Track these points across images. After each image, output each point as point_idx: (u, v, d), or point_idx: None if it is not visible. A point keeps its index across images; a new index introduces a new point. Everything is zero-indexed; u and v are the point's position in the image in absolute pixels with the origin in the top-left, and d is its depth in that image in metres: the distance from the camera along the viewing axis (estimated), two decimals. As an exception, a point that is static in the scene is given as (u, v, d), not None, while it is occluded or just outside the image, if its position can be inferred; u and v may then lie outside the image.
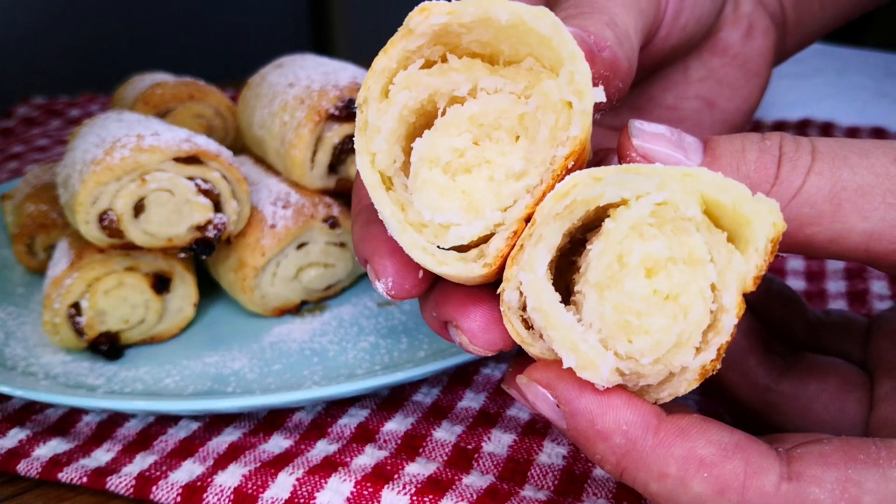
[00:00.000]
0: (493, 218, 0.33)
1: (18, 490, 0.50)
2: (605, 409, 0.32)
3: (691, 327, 0.31)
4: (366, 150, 0.33)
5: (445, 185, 0.33)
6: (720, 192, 0.30)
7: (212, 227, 0.61)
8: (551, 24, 0.31)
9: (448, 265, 0.33)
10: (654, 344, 0.31)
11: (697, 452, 0.32)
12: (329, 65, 0.72)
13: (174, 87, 0.81)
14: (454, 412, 0.54)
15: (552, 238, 0.32)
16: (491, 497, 0.45)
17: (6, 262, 0.77)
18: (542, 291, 0.32)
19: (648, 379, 0.32)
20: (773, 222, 0.30)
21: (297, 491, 0.47)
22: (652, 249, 0.30)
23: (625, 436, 0.32)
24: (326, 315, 0.66)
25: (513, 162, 0.33)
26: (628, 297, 0.31)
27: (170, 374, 0.59)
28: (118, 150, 0.58)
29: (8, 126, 1.28)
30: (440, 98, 0.33)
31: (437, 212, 0.33)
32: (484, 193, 0.33)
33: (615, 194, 0.31)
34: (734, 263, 0.31)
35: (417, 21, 0.32)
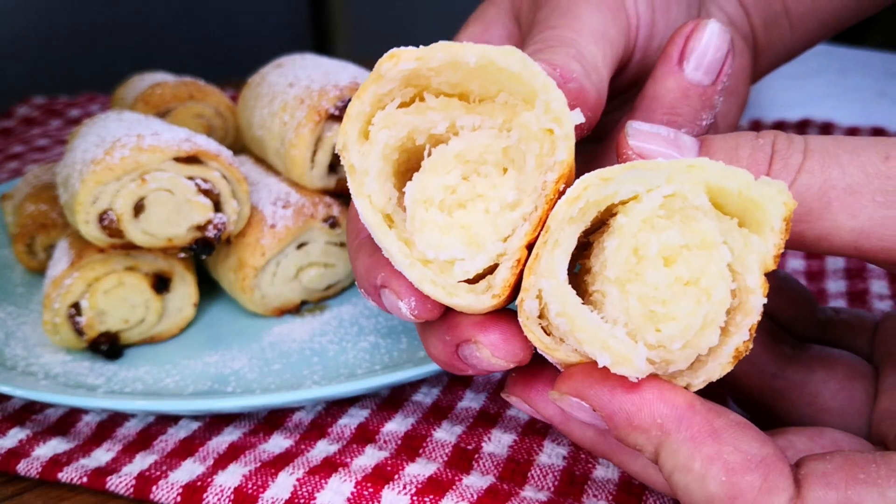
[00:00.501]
0: (495, 249, 0.34)
1: (18, 490, 0.50)
2: (640, 406, 0.33)
3: (716, 307, 0.32)
4: (361, 193, 0.34)
5: (444, 223, 0.34)
6: (725, 179, 0.31)
7: (212, 227, 0.61)
8: (519, 60, 0.32)
9: (459, 297, 0.34)
10: (683, 328, 0.31)
11: (724, 457, 0.33)
12: (329, 65, 0.72)
13: (174, 87, 0.81)
14: (454, 412, 0.54)
15: (568, 242, 0.33)
16: (491, 497, 0.45)
17: (6, 262, 0.77)
18: (566, 296, 0.32)
19: (678, 364, 0.33)
20: (783, 202, 0.31)
21: (297, 491, 0.47)
22: (667, 239, 0.31)
23: (660, 428, 0.33)
24: (326, 315, 0.66)
25: (505, 193, 0.34)
26: (652, 288, 0.31)
27: (170, 374, 0.59)
28: (118, 150, 0.58)
29: (8, 126, 1.28)
30: (419, 136, 0.34)
31: (439, 249, 0.34)
32: (482, 226, 0.34)
33: (629, 190, 0.32)
34: (753, 245, 0.32)
35: (387, 67, 0.33)
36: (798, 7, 0.54)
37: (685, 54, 0.39)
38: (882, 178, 0.33)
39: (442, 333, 0.39)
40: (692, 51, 0.39)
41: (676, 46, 0.39)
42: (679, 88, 0.39)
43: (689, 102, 0.39)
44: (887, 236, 0.33)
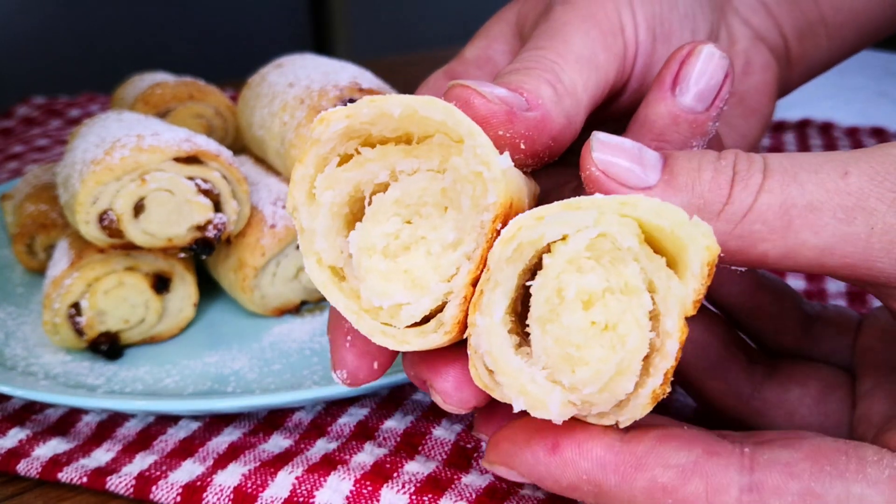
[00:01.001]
0: (440, 289, 0.34)
1: (18, 490, 0.50)
2: (562, 468, 0.34)
3: (629, 356, 0.31)
4: (310, 252, 0.35)
5: (387, 269, 0.34)
6: (657, 217, 0.31)
7: (212, 227, 0.61)
8: (441, 110, 0.33)
9: (409, 343, 0.34)
10: (595, 374, 0.31)
11: (658, 481, 0.33)
12: (329, 65, 0.72)
13: (174, 87, 0.81)
14: (454, 412, 0.54)
15: (507, 283, 0.33)
16: (490, 496, 0.45)
17: (6, 262, 0.77)
18: (494, 336, 0.33)
19: (599, 407, 0.33)
20: (706, 246, 0.31)
21: (296, 490, 0.47)
22: (587, 282, 0.31)
23: (589, 483, 0.34)
24: (326, 315, 0.66)
25: (445, 234, 0.34)
26: (567, 331, 0.32)
27: (170, 374, 0.59)
28: (118, 150, 0.58)
29: (8, 126, 1.28)
30: (365, 187, 0.35)
31: (384, 296, 0.34)
32: (425, 269, 0.34)
33: (555, 232, 0.32)
34: (673, 289, 0.31)
35: (320, 132, 0.34)
36: (836, 16, 0.52)
37: (678, 80, 0.38)
38: (842, 195, 0.32)
39: (409, 368, 0.39)
40: (685, 77, 0.38)
41: (670, 71, 0.39)
42: (669, 114, 0.39)
43: (679, 129, 0.39)
44: (849, 252, 0.33)
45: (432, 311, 0.34)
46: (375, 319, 0.35)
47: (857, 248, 0.32)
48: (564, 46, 0.40)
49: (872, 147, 0.34)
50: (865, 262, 0.32)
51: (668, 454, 0.33)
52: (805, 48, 0.53)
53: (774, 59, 0.52)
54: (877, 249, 0.32)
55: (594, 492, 0.34)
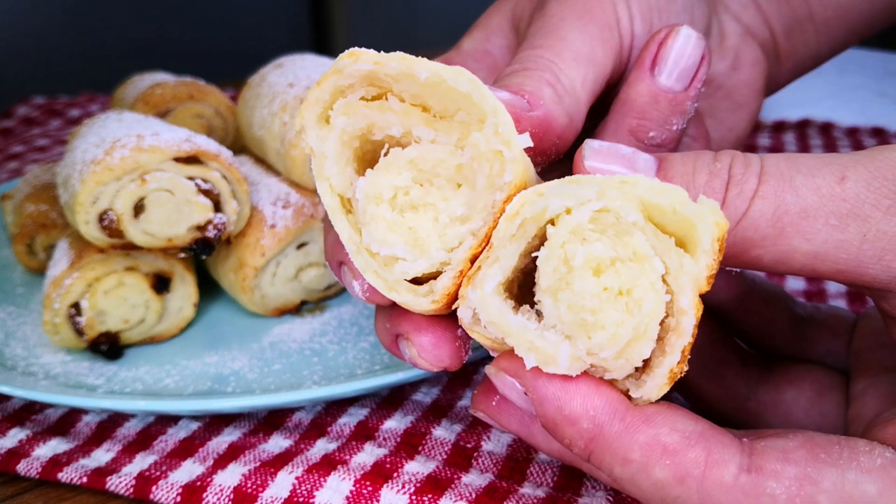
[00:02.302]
0: (439, 257, 0.34)
1: (18, 490, 0.50)
2: (573, 394, 0.33)
3: (646, 319, 0.32)
4: (322, 176, 0.35)
5: (393, 220, 0.34)
6: (658, 196, 0.31)
7: (212, 227, 0.61)
8: (468, 81, 0.33)
9: (398, 293, 0.35)
10: (612, 337, 0.32)
11: (661, 440, 0.32)
12: (329, 65, 0.72)
13: (174, 87, 0.81)
14: (453, 411, 0.54)
15: (508, 259, 0.33)
16: (490, 495, 0.45)
17: (6, 263, 0.77)
18: (490, 305, 0.33)
19: (614, 373, 0.33)
20: (715, 222, 0.31)
21: (296, 490, 0.47)
22: (594, 250, 0.32)
23: (592, 421, 0.33)
24: (326, 315, 0.66)
25: (455, 208, 0.34)
26: (580, 296, 0.32)
27: (170, 374, 0.59)
28: (118, 150, 0.58)
29: (8, 126, 1.28)
30: (378, 131, 0.35)
31: (384, 245, 0.34)
32: (429, 233, 0.34)
33: (558, 205, 0.32)
34: (685, 266, 0.32)
35: (345, 63, 0.34)
36: (824, 12, 0.53)
37: (657, 60, 0.39)
38: (836, 201, 0.32)
39: (385, 321, 0.39)
40: (663, 57, 0.39)
41: (649, 52, 0.40)
42: (650, 94, 0.39)
43: (658, 108, 0.40)
44: (842, 259, 0.33)
45: (424, 275, 0.35)
46: (373, 259, 0.35)
47: (850, 255, 0.32)
48: (561, 44, 0.40)
49: (872, 150, 0.34)
50: (857, 269, 0.33)
51: (676, 419, 0.33)
52: (794, 44, 0.53)
53: (763, 54, 0.53)
54: (868, 256, 0.32)
55: (591, 433, 0.33)
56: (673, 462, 0.32)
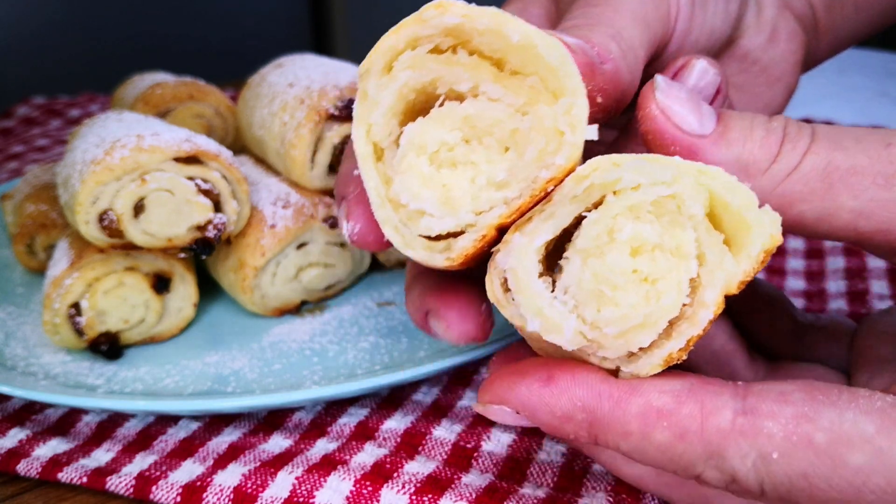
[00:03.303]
0: (466, 218, 0.34)
1: (18, 490, 0.50)
2: (557, 395, 0.34)
3: (660, 312, 0.32)
4: (363, 120, 0.34)
5: (428, 175, 0.34)
6: (730, 193, 0.32)
7: (212, 227, 0.61)
8: (560, 56, 0.32)
9: (413, 249, 0.34)
10: (621, 317, 0.32)
11: (653, 405, 0.33)
12: (329, 65, 0.72)
13: (174, 87, 0.81)
14: (454, 411, 0.54)
15: (563, 218, 0.33)
16: (490, 495, 0.45)
17: (6, 263, 0.77)
18: (527, 257, 0.33)
19: (607, 352, 0.33)
20: (771, 234, 0.31)
21: (296, 490, 0.47)
22: (643, 231, 0.32)
23: (583, 410, 0.34)
24: (326, 315, 0.66)
25: (496, 172, 0.33)
26: (608, 269, 0.32)
27: (170, 374, 0.59)
28: (118, 150, 0.58)
29: (8, 126, 1.28)
30: (442, 85, 0.34)
31: (414, 198, 0.34)
32: (463, 192, 0.34)
33: (632, 179, 0.32)
34: (725, 264, 0.32)
35: (431, 14, 0.32)
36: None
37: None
38: (884, 163, 0.34)
39: (415, 296, 0.40)
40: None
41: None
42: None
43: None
44: (886, 218, 0.34)
45: (447, 232, 0.34)
46: (395, 212, 0.34)
47: (893, 214, 0.34)
48: (619, 3, 0.41)
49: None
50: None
51: (662, 382, 0.34)
52: (833, 19, 0.53)
53: (801, 28, 0.52)
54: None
55: (588, 420, 0.34)
56: (670, 423, 0.33)
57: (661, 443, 0.33)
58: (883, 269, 0.70)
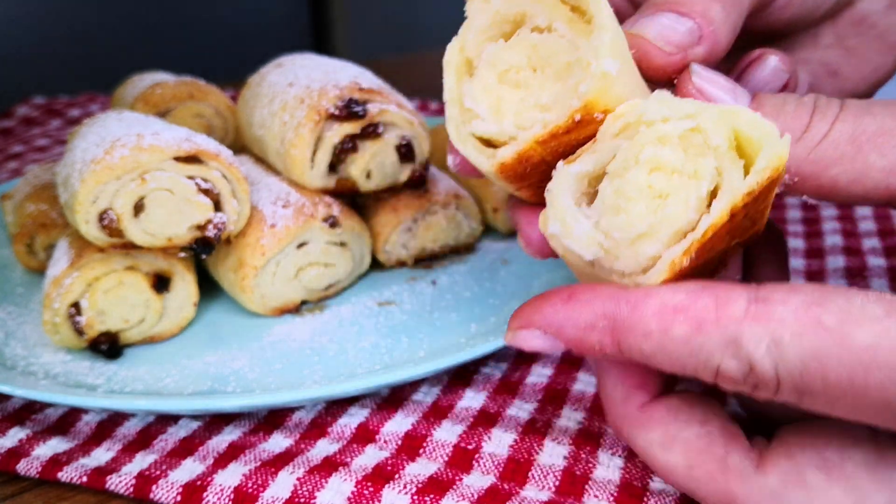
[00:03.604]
0: (509, 130, 0.39)
1: (18, 489, 0.50)
2: (580, 308, 0.36)
3: (663, 222, 0.35)
4: (461, 37, 0.40)
5: (490, 86, 0.39)
6: (753, 128, 0.34)
7: (212, 227, 0.61)
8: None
9: (464, 147, 0.40)
10: (627, 224, 0.35)
11: (669, 302, 0.35)
12: (329, 64, 0.72)
13: (174, 87, 0.81)
14: (454, 412, 0.54)
15: (604, 153, 0.37)
16: (492, 497, 0.45)
17: (6, 262, 0.77)
18: (563, 178, 0.37)
19: (622, 263, 0.36)
20: (779, 153, 0.34)
21: (297, 490, 0.46)
22: (663, 154, 0.35)
23: (604, 317, 0.36)
24: (326, 314, 0.66)
25: (543, 97, 0.38)
26: (626, 183, 0.35)
27: (170, 374, 0.58)
28: (118, 150, 0.58)
29: (8, 126, 1.28)
30: (528, 20, 0.39)
31: (473, 101, 0.39)
32: (512, 107, 0.39)
33: (657, 111, 0.35)
34: (734, 181, 0.35)
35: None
36: None
37: (740, 82, 0.42)
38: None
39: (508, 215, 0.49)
40: (745, 82, 0.42)
41: (735, 72, 0.43)
42: None
43: None
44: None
45: (494, 141, 0.39)
46: (462, 116, 0.40)
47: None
48: None
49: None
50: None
51: (675, 285, 0.35)
52: None
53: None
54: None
55: (609, 327, 0.36)
56: (686, 316, 0.34)
57: (679, 336, 0.34)
58: (884, 268, 0.70)
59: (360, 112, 0.66)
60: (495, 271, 0.72)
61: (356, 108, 0.66)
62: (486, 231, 0.81)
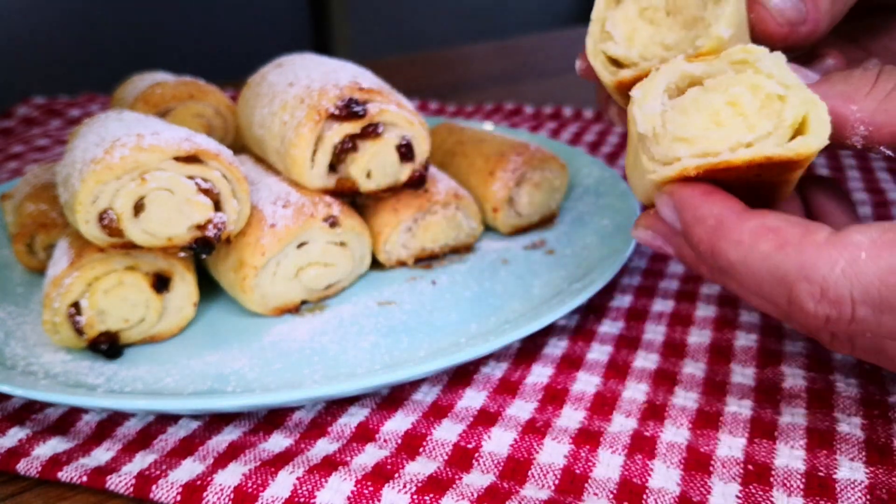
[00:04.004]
0: (632, 56, 0.46)
1: (18, 489, 0.50)
2: (709, 204, 0.41)
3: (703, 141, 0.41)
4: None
5: (629, 17, 0.46)
6: (816, 121, 0.39)
7: (212, 227, 0.61)
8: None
9: (595, 60, 0.47)
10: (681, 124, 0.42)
11: (767, 223, 0.38)
12: (329, 64, 0.72)
13: (174, 87, 0.81)
14: (454, 411, 0.54)
15: (713, 69, 0.42)
16: (491, 496, 0.45)
17: (6, 262, 0.77)
18: (672, 68, 0.43)
19: (657, 148, 0.43)
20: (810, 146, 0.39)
21: (297, 490, 0.47)
22: (745, 99, 0.40)
23: (715, 217, 0.40)
24: (326, 314, 0.66)
25: (670, 37, 0.45)
26: (705, 98, 0.41)
27: (170, 374, 0.58)
28: (118, 149, 0.58)
29: (8, 126, 1.28)
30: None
31: (612, 26, 0.47)
32: (641, 39, 0.46)
33: (769, 68, 0.41)
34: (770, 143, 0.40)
35: None
36: None
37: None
38: None
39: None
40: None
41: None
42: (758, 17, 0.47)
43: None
44: None
45: (623, 61, 0.47)
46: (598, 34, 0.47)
47: None
48: None
49: None
50: None
51: (781, 214, 0.40)
52: None
53: None
54: None
55: (713, 228, 0.40)
56: (776, 236, 0.38)
57: (763, 251, 0.38)
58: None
59: (360, 112, 0.66)
60: (495, 271, 0.72)
61: (356, 108, 0.66)
62: (486, 231, 0.81)
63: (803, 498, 0.45)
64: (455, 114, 1.32)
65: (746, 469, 0.47)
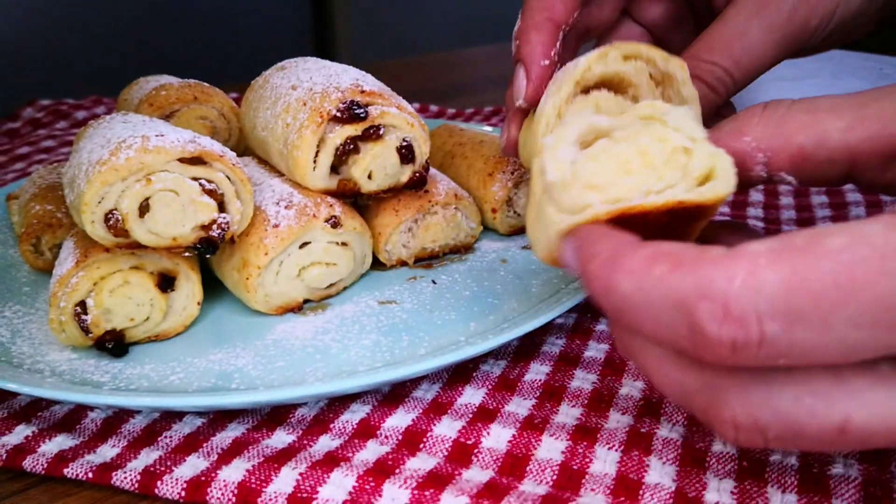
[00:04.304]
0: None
1: (24, 486, 0.51)
2: (601, 236, 0.39)
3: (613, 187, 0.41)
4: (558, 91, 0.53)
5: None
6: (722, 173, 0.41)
7: (216, 227, 0.62)
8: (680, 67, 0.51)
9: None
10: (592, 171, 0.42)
11: (661, 249, 0.36)
12: (331, 67, 0.73)
13: (179, 90, 0.82)
14: (454, 408, 0.55)
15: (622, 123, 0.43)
16: (490, 491, 0.46)
17: (12, 262, 0.77)
18: (583, 120, 0.43)
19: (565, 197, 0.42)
20: (716, 195, 0.40)
21: (299, 485, 0.47)
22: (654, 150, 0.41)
23: (609, 251, 0.38)
24: (329, 313, 0.67)
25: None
26: (615, 148, 0.42)
27: (174, 371, 0.59)
28: (123, 151, 0.59)
29: (14, 127, 1.29)
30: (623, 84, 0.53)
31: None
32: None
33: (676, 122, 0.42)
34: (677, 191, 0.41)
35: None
36: None
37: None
38: (858, 96, 0.41)
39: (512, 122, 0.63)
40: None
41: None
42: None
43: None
44: (870, 128, 0.40)
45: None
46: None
47: (878, 122, 0.41)
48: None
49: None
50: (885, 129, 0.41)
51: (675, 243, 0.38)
52: None
53: None
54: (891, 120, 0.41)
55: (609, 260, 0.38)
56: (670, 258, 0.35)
57: (656, 275, 0.35)
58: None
59: (361, 114, 0.67)
60: (494, 271, 0.73)
61: (358, 111, 0.67)
62: (485, 231, 0.82)
63: (797, 494, 0.45)
64: (455, 116, 1.32)
65: (741, 465, 0.48)
